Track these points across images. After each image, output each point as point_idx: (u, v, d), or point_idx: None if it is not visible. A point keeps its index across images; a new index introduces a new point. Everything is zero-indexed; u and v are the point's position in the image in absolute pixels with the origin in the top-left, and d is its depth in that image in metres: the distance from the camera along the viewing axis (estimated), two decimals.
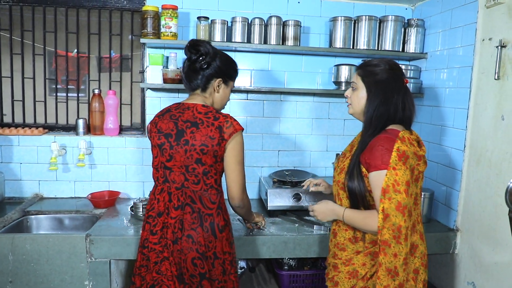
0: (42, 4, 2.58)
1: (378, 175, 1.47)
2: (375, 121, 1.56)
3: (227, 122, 1.64)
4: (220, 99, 1.78)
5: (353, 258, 1.62)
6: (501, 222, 1.92)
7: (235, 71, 1.81)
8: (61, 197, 2.66)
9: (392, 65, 1.60)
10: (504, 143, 1.91)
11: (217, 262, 1.67)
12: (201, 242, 1.63)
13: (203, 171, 1.64)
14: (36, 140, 2.58)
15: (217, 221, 1.67)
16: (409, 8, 2.74)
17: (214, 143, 1.61)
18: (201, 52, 1.67)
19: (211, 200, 1.67)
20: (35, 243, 2.02)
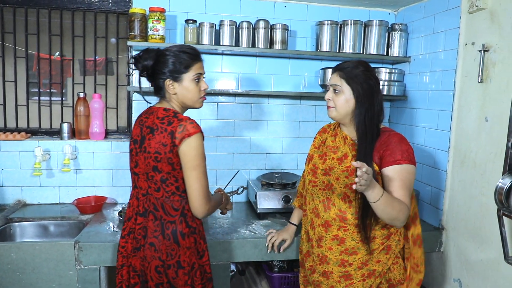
0: (24, 6, 2.49)
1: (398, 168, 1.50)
2: (369, 124, 1.57)
3: (180, 126, 1.52)
4: (182, 97, 1.64)
5: (368, 260, 1.61)
6: (486, 220, 1.95)
7: (179, 63, 1.60)
8: (45, 203, 2.55)
9: (366, 65, 1.62)
10: (488, 144, 1.95)
11: (181, 271, 1.58)
12: (163, 250, 1.57)
13: (160, 178, 1.57)
14: (18, 145, 2.48)
15: (180, 228, 1.58)
16: (392, 13, 2.78)
17: (167, 150, 1.52)
18: (141, 69, 1.62)
19: (173, 207, 1.59)
20: (20, 252, 1.93)
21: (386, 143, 1.55)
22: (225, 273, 2.07)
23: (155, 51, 1.62)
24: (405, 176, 1.50)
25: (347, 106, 1.59)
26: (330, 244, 1.65)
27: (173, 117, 1.56)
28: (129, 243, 1.64)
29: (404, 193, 1.49)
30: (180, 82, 1.62)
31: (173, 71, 1.60)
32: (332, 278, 1.66)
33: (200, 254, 1.65)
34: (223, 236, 2.10)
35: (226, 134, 2.71)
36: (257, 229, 2.21)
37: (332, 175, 1.63)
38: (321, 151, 1.74)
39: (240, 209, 2.60)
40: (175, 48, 1.63)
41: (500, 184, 1.53)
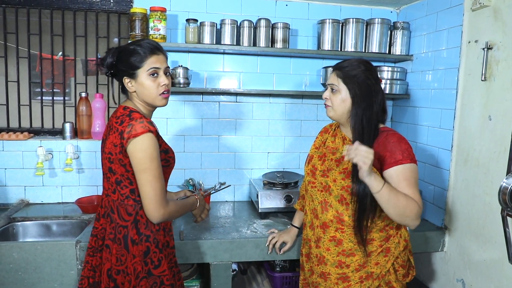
0: (26, 6, 2.47)
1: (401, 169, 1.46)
2: (367, 124, 1.53)
3: (129, 126, 1.42)
4: (141, 93, 1.51)
5: (366, 262, 1.58)
6: (490, 220, 1.92)
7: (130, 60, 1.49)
8: (48, 202, 2.54)
9: (368, 65, 1.57)
10: (492, 143, 1.91)
11: (127, 278, 1.50)
12: (113, 253, 1.50)
13: (115, 180, 1.50)
14: (21, 145, 2.46)
15: (131, 234, 1.49)
16: (394, 11, 2.74)
17: (117, 150, 1.44)
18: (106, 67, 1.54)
19: (127, 211, 1.50)
20: (22, 251, 1.92)
21: (384, 144, 1.51)
22: (226, 273, 2.05)
23: (117, 49, 1.54)
24: (409, 175, 1.46)
25: (343, 106, 1.56)
26: (328, 245, 1.62)
27: (127, 116, 1.47)
28: (93, 241, 1.59)
29: (413, 191, 1.45)
30: (136, 79, 1.50)
31: (128, 67, 1.49)
32: (329, 280, 1.63)
33: (155, 264, 1.52)
34: (224, 235, 2.08)
35: (227, 133, 2.68)
36: (258, 229, 2.19)
37: (329, 176, 1.60)
38: (320, 151, 1.72)
39: (242, 208, 2.58)
40: (125, 45, 1.54)
41: (504, 184, 1.50)
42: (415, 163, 1.49)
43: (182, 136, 2.63)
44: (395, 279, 1.60)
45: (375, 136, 1.53)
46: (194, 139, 2.65)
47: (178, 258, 1.95)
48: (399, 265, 1.61)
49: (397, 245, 1.59)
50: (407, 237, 1.62)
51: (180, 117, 2.61)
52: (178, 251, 1.96)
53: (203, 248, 2.00)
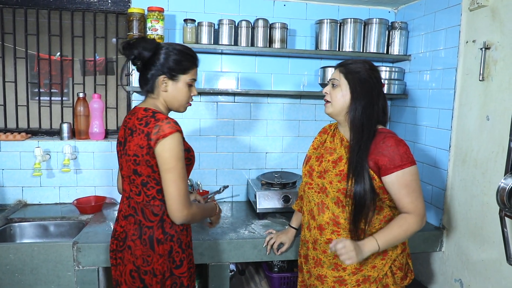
0: (23, 6, 2.45)
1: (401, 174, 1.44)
2: (367, 122, 1.50)
3: (156, 127, 1.42)
4: (172, 97, 1.54)
5: (363, 265, 1.56)
6: (488, 220, 1.90)
7: (180, 63, 1.51)
8: (46, 203, 2.52)
9: (372, 65, 1.56)
10: (490, 143, 1.90)
11: (155, 279, 1.50)
12: (137, 255, 1.50)
13: (141, 182, 1.49)
14: (18, 145, 2.44)
15: (157, 234, 1.50)
16: (392, 11, 2.72)
17: (144, 152, 1.44)
18: (134, 54, 1.49)
19: (153, 212, 1.50)
20: (19, 253, 1.90)
21: (381, 148, 1.47)
22: (224, 273, 2.03)
23: (155, 43, 1.52)
24: (409, 179, 1.45)
25: (342, 101, 1.53)
26: (324, 247, 1.60)
27: (151, 117, 1.47)
28: (114, 244, 1.60)
29: (411, 200, 1.45)
30: (175, 82, 1.53)
31: (172, 68, 1.50)
32: (326, 283, 1.61)
33: (176, 264, 1.53)
34: (222, 236, 2.06)
35: (225, 133, 2.67)
36: (256, 229, 2.17)
37: (326, 178, 1.58)
38: (318, 152, 1.69)
39: (239, 208, 2.56)
40: (178, 47, 1.54)
41: (502, 184, 1.48)
42: (414, 164, 1.47)
43: None
44: (393, 282, 1.57)
45: (372, 136, 1.50)
46: (192, 140, 2.63)
47: None
48: (396, 268, 1.59)
49: (395, 248, 1.57)
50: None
51: (178, 118, 2.55)
52: None
53: (201, 249, 1.98)
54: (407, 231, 1.45)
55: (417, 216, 1.46)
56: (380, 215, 1.55)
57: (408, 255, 1.66)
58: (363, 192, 1.45)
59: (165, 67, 1.50)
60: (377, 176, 1.48)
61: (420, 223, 1.47)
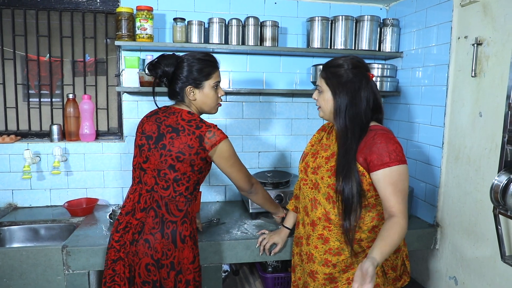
0: (10, 7, 2.39)
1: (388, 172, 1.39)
2: (350, 123, 1.47)
3: (209, 132, 1.56)
4: (202, 103, 1.66)
5: (354, 263, 1.52)
6: (482, 217, 1.87)
7: (202, 71, 1.62)
8: (37, 206, 2.47)
9: (355, 63, 1.51)
10: (483, 139, 1.86)
11: (172, 273, 1.57)
12: (158, 249, 1.55)
13: (174, 177, 1.57)
14: (7, 148, 2.38)
15: (181, 229, 1.58)
16: (383, 8, 2.68)
17: (192, 152, 1.55)
18: (160, 74, 1.61)
19: (178, 207, 1.58)
20: (7, 257, 1.85)
21: (371, 145, 1.44)
22: (217, 275, 1.98)
23: (174, 58, 1.61)
24: (396, 178, 1.40)
25: (328, 105, 1.52)
26: (316, 242, 1.58)
27: (201, 122, 1.58)
28: (124, 237, 1.60)
29: (397, 200, 1.39)
30: (201, 89, 1.63)
31: (195, 78, 1.61)
32: (317, 280, 1.58)
33: (191, 260, 1.60)
34: (215, 237, 2.01)
35: None
36: (249, 229, 2.13)
37: (318, 174, 1.55)
38: (314, 149, 1.67)
39: (233, 209, 2.52)
40: (198, 56, 1.63)
41: (496, 182, 1.45)
42: (404, 163, 1.42)
43: None
44: (383, 282, 1.53)
45: (362, 134, 1.47)
46: None
47: None
48: (388, 268, 1.55)
49: None
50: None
51: None
52: None
53: None
54: (401, 236, 1.37)
55: (403, 219, 1.38)
56: (372, 212, 1.51)
57: (407, 257, 1.62)
58: (350, 193, 1.43)
59: (189, 78, 1.60)
60: (367, 173, 1.45)
61: (405, 226, 1.38)
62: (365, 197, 1.47)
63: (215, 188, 2.66)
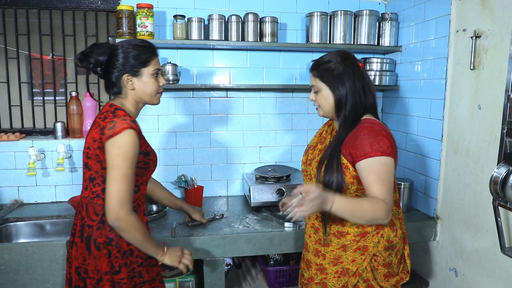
0: (12, 6, 2.37)
1: (370, 162, 1.36)
2: (348, 115, 1.46)
3: (111, 122, 1.36)
4: (141, 92, 1.49)
5: (342, 256, 1.50)
6: (481, 209, 1.84)
7: (139, 57, 1.45)
8: (42, 202, 2.46)
9: (343, 55, 1.49)
10: (482, 132, 1.83)
11: (88, 281, 1.43)
12: (80, 252, 1.44)
13: (89, 176, 1.44)
14: (13, 145, 2.38)
15: (95, 235, 1.41)
16: (382, 2, 2.64)
17: (95, 146, 1.39)
18: (92, 63, 1.45)
19: (95, 211, 1.42)
20: (13, 253, 1.84)
21: (355, 137, 1.41)
22: (219, 268, 1.97)
23: (108, 45, 1.47)
24: (378, 168, 1.35)
25: (328, 103, 1.50)
26: (309, 231, 1.61)
27: (111, 112, 1.41)
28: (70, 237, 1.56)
29: (380, 187, 1.33)
30: (139, 77, 1.47)
31: (132, 65, 1.45)
32: (311, 270, 1.59)
33: (115, 270, 1.42)
34: (217, 231, 2.00)
35: (219, 128, 2.60)
36: (251, 223, 2.11)
37: (312, 165, 1.56)
38: (315, 142, 1.67)
39: (235, 203, 2.50)
40: (133, 42, 1.48)
41: (495, 174, 1.42)
42: (388, 156, 1.37)
43: (173, 132, 2.55)
44: (373, 277, 1.50)
45: (353, 125, 1.46)
46: (185, 136, 2.56)
47: None
48: (378, 264, 1.50)
49: (376, 244, 1.47)
50: (393, 237, 1.49)
51: (171, 114, 2.53)
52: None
53: (195, 244, 1.93)
54: (375, 211, 1.29)
55: (387, 205, 1.31)
56: None
57: (408, 255, 1.59)
58: (330, 180, 1.42)
59: (126, 66, 1.45)
60: (351, 165, 1.42)
61: (386, 213, 1.31)
62: (349, 190, 1.45)
63: (218, 182, 2.64)
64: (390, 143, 1.40)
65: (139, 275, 1.48)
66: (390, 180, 1.37)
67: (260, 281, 2.38)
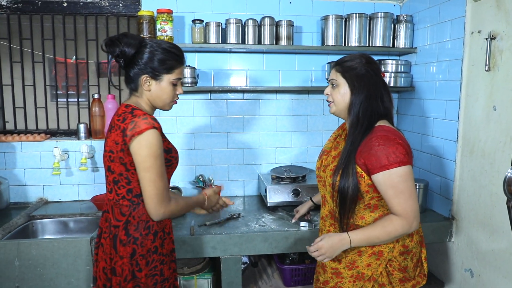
0: (39, 12, 2.48)
1: (388, 174, 1.37)
2: (362, 117, 1.46)
3: (132, 122, 1.35)
4: (156, 97, 1.47)
5: (357, 261, 1.52)
6: (497, 210, 1.85)
7: (164, 63, 1.43)
8: (66, 200, 2.57)
9: (368, 58, 1.51)
10: (497, 133, 1.84)
11: (114, 279, 1.46)
12: (107, 253, 1.47)
13: (113, 179, 1.44)
14: (38, 145, 2.49)
15: (121, 235, 1.44)
16: (397, 4, 2.67)
17: (118, 148, 1.38)
18: (116, 52, 1.41)
19: (121, 212, 1.44)
20: (40, 248, 1.93)
21: (369, 147, 1.41)
22: (236, 266, 2.03)
23: (138, 39, 1.44)
24: (397, 181, 1.36)
25: (343, 100, 1.50)
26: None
27: (129, 113, 1.40)
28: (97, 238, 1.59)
29: (399, 201, 1.37)
30: (158, 82, 1.46)
31: (155, 68, 1.43)
32: (326, 273, 1.60)
33: (140, 267, 1.46)
34: (234, 230, 2.06)
35: (236, 130, 2.66)
36: (267, 223, 2.16)
37: (326, 172, 1.56)
38: (329, 147, 1.67)
39: (251, 202, 2.56)
40: (163, 45, 1.44)
41: (509, 174, 1.43)
42: (404, 164, 1.38)
43: (192, 133, 2.62)
44: (388, 282, 1.52)
45: (367, 131, 1.45)
46: (203, 137, 2.63)
47: (189, 253, 1.96)
48: (393, 269, 1.51)
49: (391, 249, 1.49)
50: (408, 242, 1.51)
51: (190, 116, 2.60)
52: (189, 246, 1.95)
53: (213, 242, 1.99)
54: (390, 233, 1.39)
55: (404, 220, 1.38)
56: (375, 213, 1.49)
57: (425, 258, 1.59)
58: (345, 187, 1.43)
59: (148, 67, 1.43)
60: (366, 174, 1.43)
61: (408, 227, 1.38)
62: (364, 198, 1.46)
63: (234, 183, 2.70)
64: (405, 150, 1.40)
65: (160, 273, 1.52)
66: (409, 188, 1.38)
67: (276, 280, 2.43)
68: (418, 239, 1.55)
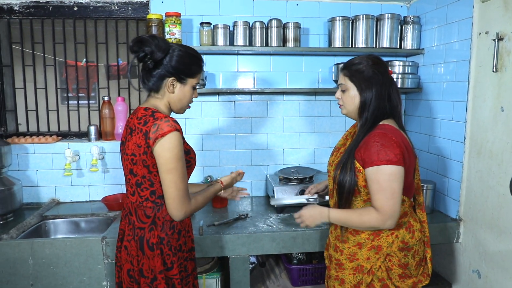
0: (50, 17, 2.54)
1: (375, 170, 1.42)
2: (370, 117, 1.52)
3: (154, 125, 1.38)
4: (177, 99, 1.52)
5: (357, 253, 1.56)
6: (504, 211, 1.86)
7: (190, 67, 1.49)
8: (77, 201, 2.62)
9: (374, 59, 1.55)
10: (505, 134, 1.85)
11: (143, 280, 1.48)
12: (133, 255, 1.50)
13: (135, 182, 1.47)
14: (50, 147, 2.54)
15: (148, 236, 1.46)
16: (404, 5, 2.67)
17: (141, 151, 1.40)
18: (146, 52, 1.42)
19: (145, 213, 1.47)
20: (53, 247, 1.98)
21: (367, 143, 1.46)
22: (244, 265, 2.06)
23: (167, 44, 1.46)
24: (382, 178, 1.41)
25: (353, 103, 1.56)
26: (331, 227, 1.71)
27: (150, 116, 1.43)
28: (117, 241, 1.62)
29: (380, 197, 1.42)
30: (183, 85, 1.51)
31: (182, 72, 1.48)
32: (332, 264, 1.66)
33: (167, 266, 1.50)
34: (242, 230, 2.09)
35: (243, 131, 2.69)
36: (274, 223, 2.19)
37: (333, 166, 1.64)
38: (340, 143, 1.74)
39: (259, 203, 2.59)
40: (190, 51, 1.51)
41: None
42: (394, 164, 1.40)
43: (200, 135, 2.66)
44: (387, 276, 1.54)
45: (370, 129, 1.51)
46: (211, 138, 2.67)
47: (198, 252, 1.99)
48: (393, 264, 1.53)
49: (390, 244, 1.52)
50: (408, 239, 1.53)
51: (198, 117, 2.64)
52: (198, 246, 1.99)
53: (221, 242, 2.02)
54: (364, 223, 1.46)
55: (380, 215, 1.43)
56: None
57: (430, 259, 1.61)
58: (343, 181, 1.50)
59: (176, 70, 1.47)
60: (363, 169, 1.48)
61: (382, 222, 1.43)
62: (361, 193, 1.51)
63: (242, 183, 2.72)
64: (400, 150, 1.42)
65: (185, 269, 1.57)
66: (393, 188, 1.41)
67: (283, 280, 2.45)
68: (420, 237, 1.58)
